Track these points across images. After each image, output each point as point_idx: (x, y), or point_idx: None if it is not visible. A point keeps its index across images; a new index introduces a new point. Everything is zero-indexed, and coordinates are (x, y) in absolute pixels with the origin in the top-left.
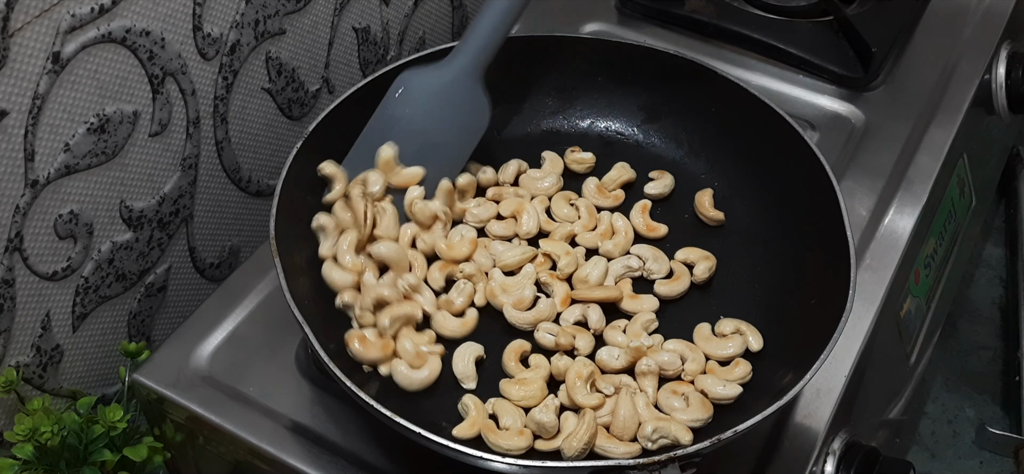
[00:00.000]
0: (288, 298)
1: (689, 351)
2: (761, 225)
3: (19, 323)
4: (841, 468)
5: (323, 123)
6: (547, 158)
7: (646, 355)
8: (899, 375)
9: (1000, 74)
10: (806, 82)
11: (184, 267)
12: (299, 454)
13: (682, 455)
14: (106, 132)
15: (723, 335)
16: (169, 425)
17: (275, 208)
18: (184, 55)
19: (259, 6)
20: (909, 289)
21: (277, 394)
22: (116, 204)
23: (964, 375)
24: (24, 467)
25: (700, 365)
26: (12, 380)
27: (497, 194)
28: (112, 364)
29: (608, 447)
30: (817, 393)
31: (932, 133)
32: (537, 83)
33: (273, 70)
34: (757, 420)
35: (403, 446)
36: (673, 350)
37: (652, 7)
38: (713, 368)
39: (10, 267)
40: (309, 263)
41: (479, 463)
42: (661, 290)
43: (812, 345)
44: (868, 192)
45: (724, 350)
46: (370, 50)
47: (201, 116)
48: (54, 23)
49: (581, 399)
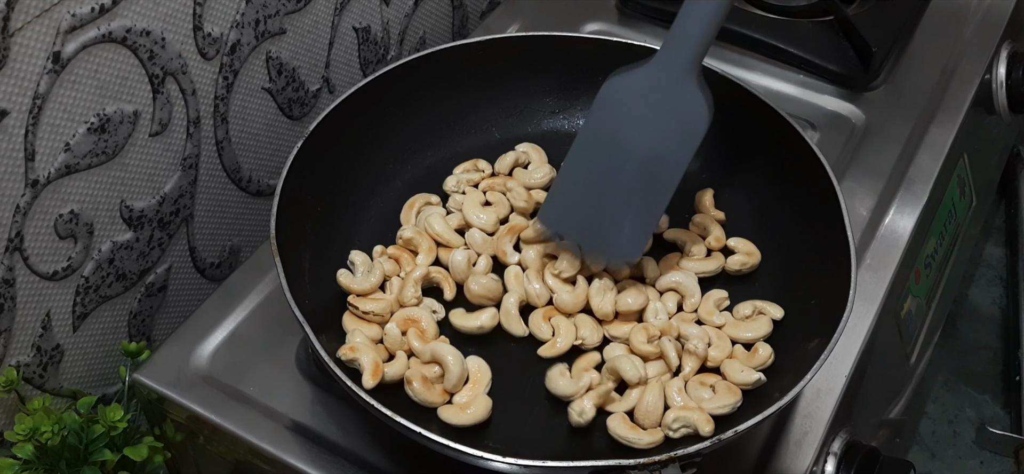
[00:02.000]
0: (288, 298)
1: (715, 336)
2: (761, 225)
3: (19, 323)
4: (841, 468)
5: (323, 123)
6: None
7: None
8: (899, 375)
9: (1000, 74)
10: (806, 82)
11: (184, 267)
12: (299, 454)
13: (682, 455)
14: (106, 132)
15: (745, 317)
16: (169, 425)
17: (276, 208)
18: (184, 55)
19: (259, 6)
20: (909, 289)
21: (277, 394)
22: (116, 204)
23: (964, 375)
24: (24, 467)
25: (726, 351)
26: (12, 380)
27: (488, 186)
28: (112, 364)
29: (631, 437)
30: (817, 393)
31: (932, 133)
32: (537, 83)
33: (273, 70)
34: (757, 420)
35: (403, 446)
36: (699, 334)
37: (652, 7)
38: (736, 352)
39: (10, 267)
40: (310, 263)
41: (479, 463)
42: (697, 267)
43: (812, 345)
44: (868, 192)
45: (748, 332)
46: (370, 50)
47: (201, 116)
48: (54, 23)
49: (637, 342)
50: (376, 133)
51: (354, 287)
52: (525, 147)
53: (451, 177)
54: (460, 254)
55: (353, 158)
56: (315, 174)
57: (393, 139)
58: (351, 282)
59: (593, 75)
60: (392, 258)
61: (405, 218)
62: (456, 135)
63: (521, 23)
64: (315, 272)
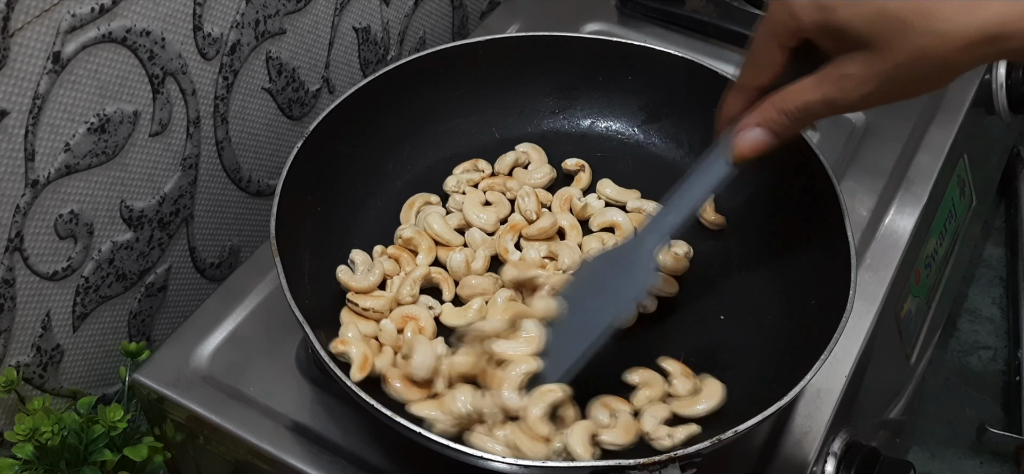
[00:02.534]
0: (288, 298)
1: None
2: (761, 225)
3: (19, 323)
4: (841, 468)
5: (323, 123)
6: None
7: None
8: (899, 375)
9: (1000, 74)
10: None
11: (184, 267)
12: (299, 454)
13: (682, 455)
14: (106, 132)
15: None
16: (169, 425)
17: (276, 208)
18: (184, 55)
19: (259, 6)
20: (909, 289)
21: (277, 394)
22: (116, 204)
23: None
24: (24, 467)
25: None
26: (12, 380)
27: (489, 185)
28: (112, 364)
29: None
30: (817, 393)
31: (932, 133)
32: (537, 83)
33: (273, 70)
34: (757, 420)
35: (403, 446)
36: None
37: (652, 7)
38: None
39: (10, 267)
40: (310, 263)
41: (479, 463)
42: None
43: (812, 345)
44: (868, 192)
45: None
46: (370, 50)
47: (201, 116)
48: (54, 23)
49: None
50: (376, 133)
51: (353, 285)
52: (525, 147)
53: (451, 177)
54: (459, 255)
55: (353, 158)
56: (315, 174)
57: (393, 139)
58: (350, 279)
59: (593, 75)
60: (392, 258)
61: (405, 218)
62: (456, 135)
63: (521, 23)
64: (315, 272)
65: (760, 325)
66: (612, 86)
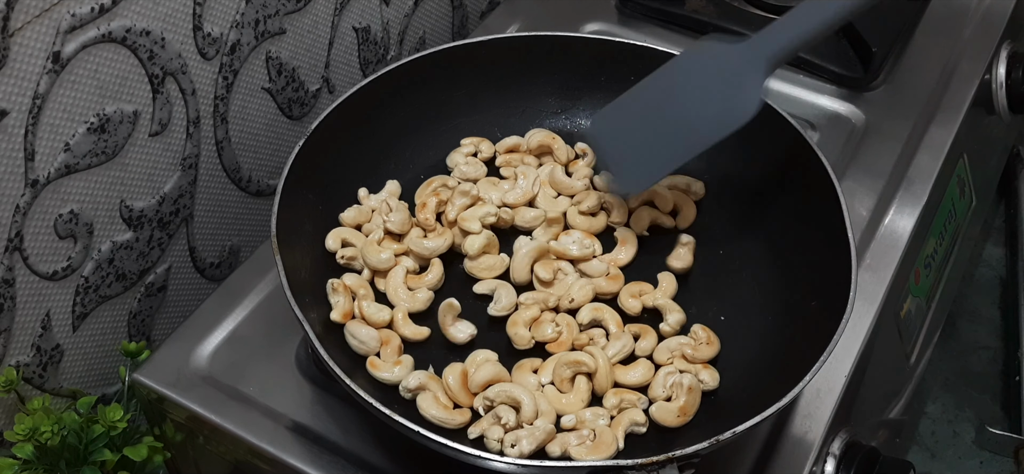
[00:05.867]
0: (289, 298)
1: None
2: (761, 225)
3: (19, 323)
4: (841, 468)
5: (323, 123)
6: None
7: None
8: (899, 375)
9: (1000, 74)
10: (806, 82)
11: (184, 267)
12: (299, 454)
13: (681, 455)
14: (106, 132)
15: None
16: (169, 425)
17: (276, 208)
18: (184, 55)
19: (259, 6)
20: (909, 289)
21: (277, 394)
22: (116, 204)
23: (964, 375)
24: (24, 467)
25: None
26: (12, 380)
27: (505, 161)
28: (112, 364)
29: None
30: (817, 393)
31: (932, 133)
32: (539, 83)
33: (273, 70)
34: (757, 420)
35: (403, 446)
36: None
37: (652, 7)
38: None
39: (10, 267)
40: (310, 263)
41: (479, 463)
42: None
43: (812, 346)
44: (868, 192)
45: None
46: (370, 50)
47: (201, 116)
48: (54, 23)
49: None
50: (376, 133)
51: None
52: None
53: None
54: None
55: (353, 158)
56: (315, 174)
57: (393, 139)
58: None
59: (593, 75)
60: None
61: (420, 197)
62: (457, 135)
63: (521, 23)
64: (315, 272)
65: (760, 325)
66: (614, 86)
